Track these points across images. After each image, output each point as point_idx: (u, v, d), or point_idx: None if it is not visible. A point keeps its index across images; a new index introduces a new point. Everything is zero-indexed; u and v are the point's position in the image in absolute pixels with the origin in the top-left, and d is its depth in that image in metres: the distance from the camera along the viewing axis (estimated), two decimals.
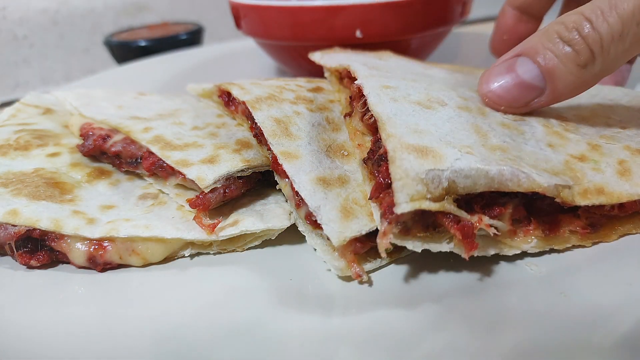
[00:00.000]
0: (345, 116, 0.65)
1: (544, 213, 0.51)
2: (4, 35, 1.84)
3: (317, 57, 0.78)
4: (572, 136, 0.56)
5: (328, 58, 0.77)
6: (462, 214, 0.46)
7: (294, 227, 0.59)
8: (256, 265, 0.56)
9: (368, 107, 0.55)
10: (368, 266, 0.53)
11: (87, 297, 0.52)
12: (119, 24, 2.05)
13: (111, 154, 0.66)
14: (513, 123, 0.56)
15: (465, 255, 0.47)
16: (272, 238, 0.58)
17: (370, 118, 0.57)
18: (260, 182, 0.64)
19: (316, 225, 0.53)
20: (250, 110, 0.64)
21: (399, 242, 0.47)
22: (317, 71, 0.80)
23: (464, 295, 0.49)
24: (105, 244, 0.55)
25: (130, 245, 0.55)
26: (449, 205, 0.45)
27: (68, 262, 0.56)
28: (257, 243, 0.58)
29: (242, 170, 0.60)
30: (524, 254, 0.53)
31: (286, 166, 0.56)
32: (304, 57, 0.83)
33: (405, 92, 0.57)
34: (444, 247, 0.48)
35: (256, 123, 0.62)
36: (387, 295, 0.50)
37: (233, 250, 0.58)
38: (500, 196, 0.49)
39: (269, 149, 0.59)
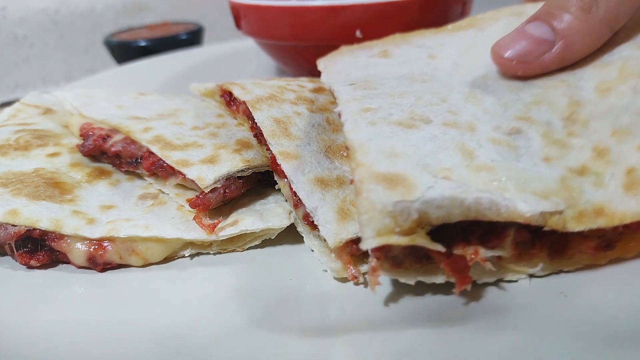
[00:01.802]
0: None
1: (549, 234, 0.46)
2: (4, 35, 1.84)
3: (321, 66, 0.74)
4: (577, 141, 0.50)
5: (330, 65, 0.74)
6: (436, 246, 0.42)
7: (293, 227, 0.59)
8: (256, 265, 0.56)
9: None
10: (365, 268, 0.52)
11: (87, 297, 0.52)
12: (119, 24, 2.05)
13: (111, 154, 0.66)
14: (505, 138, 0.50)
15: (456, 290, 0.45)
16: (272, 237, 0.58)
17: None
18: (260, 182, 0.64)
19: (314, 226, 0.53)
20: (251, 110, 0.64)
21: (391, 276, 0.45)
22: (317, 71, 0.80)
23: (462, 296, 0.49)
24: (105, 244, 0.55)
25: (130, 245, 0.55)
26: (420, 239, 0.42)
27: (68, 262, 0.56)
28: (257, 243, 0.58)
29: (242, 171, 0.60)
30: None
31: (285, 166, 0.56)
32: (304, 57, 0.84)
33: (387, 113, 0.53)
34: (439, 279, 0.46)
35: (256, 123, 0.62)
36: (384, 296, 0.50)
37: (233, 250, 0.58)
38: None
39: (269, 149, 0.59)
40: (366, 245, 0.41)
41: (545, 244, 0.47)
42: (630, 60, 0.53)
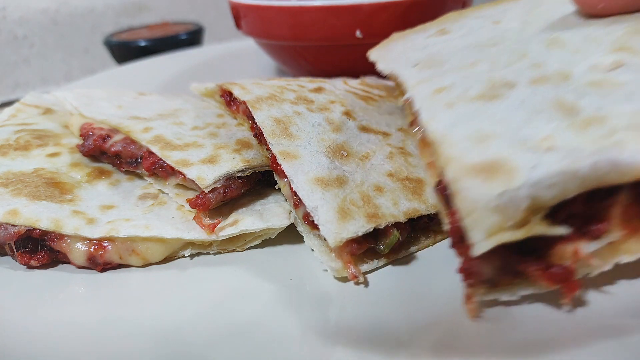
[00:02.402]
0: (410, 125, 0.58)
1: None
2: (4, 35, 1.84)
3: (374, 56, 0.68)
4: None
5: (385, 53, 0.67)
6: (558, 230, 0.37)
7: (293, 227, 0.59)
8: (256, 265, 0.56)
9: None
10: (365, 267, 0.53)
11: (87, 297, 0.52)
12: (119, 24, 2.05)
13: (111, 154, 0.66)
14: (607, 76, 0.42)
15: (566, 302, 0.40)
16: (272, 237, 0.58)
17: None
18: (260, 182, 0.65)
19: (314, 226, 0.53)
20: (251, 110, 0.64)
21: (490, 297, 0.42)
22: (317, 71, 0.80)
23: (460, 296, 0.48)
24: (105, 244, 0.55)
25: (130, 245, 0.55)
26: (537, 227, 0.36)
27: (68, 262, 0.56)
28: (257, 243, 0.58)
29: (242, 170, 0.60)
30: None
31: (285, 166, 0.56)
32: (304, 57, 0.83)
33: (463, 89, 0.47)
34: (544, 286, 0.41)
35: (256, 123, 0.62)
36: (384, 296, 0.50)
37: (233, 250, 0.58)
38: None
39: (269, 149, 0.59)
40: (479, 249, 0.36)
41: None
42: None
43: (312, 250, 0.55)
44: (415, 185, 0.57)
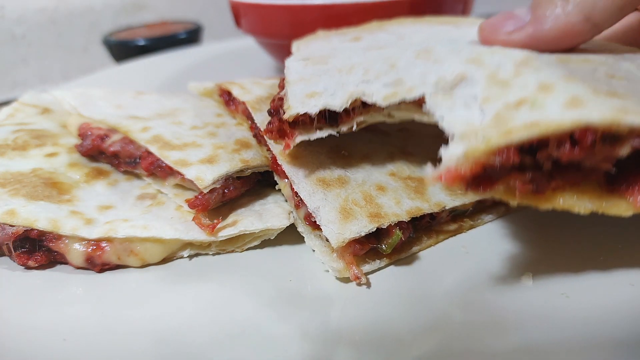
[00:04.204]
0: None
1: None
2: (2, 35, 1.83)
3: (294, 47, 0.73)
4: (522, 79, 0.44)
5: (303, 47, 0.72)
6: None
7: (293, 227, 0.58)
8: (255, 266, 0.55)
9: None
10: (367, 267, 0.52)
11: (85, 298, 0.52)
12: (118, 22, 2.04)
13: (109, 154, 0.66)
14: (448, 93, 0.47)
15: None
16: (271, 238, 0.58)
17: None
18: (259, 182, 0.64)
19: (315, 226, 0.53)
20: (250, 111, 0.63)
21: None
22: None
23: (463, 297, 0.48)
24: (104, 245, 0.55)
25: (129, 246, 0.55)
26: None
27: (66, 263, 0.56)
28: (256, 243, 0.58)
29: (242, 171, 0.60)
30: (523, 259, 0.52)
31: (286, 167, 0.56)
32: None
33: (330, 96, 0.52)
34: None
35: (256, 123, 0.62)
36: (386, 297, 0.50)
37: (232, 251, 0.58)
38: None
39: (269, 150, 0.59)
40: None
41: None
42: (595, 59, 0.51)
43: (313, 251, 0.55)
44: (417, 184, 0.57)
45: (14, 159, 0.67)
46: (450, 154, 0.39)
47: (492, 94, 0.44)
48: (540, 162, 0.41)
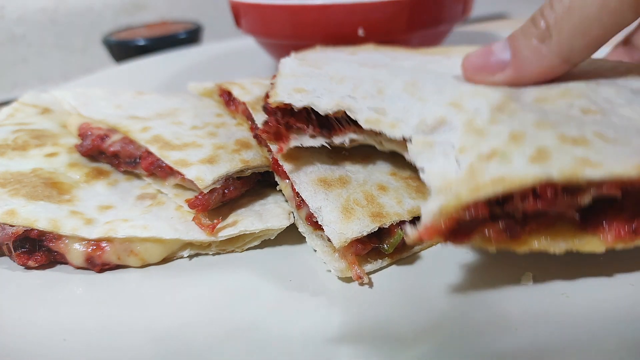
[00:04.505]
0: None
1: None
2: (2, 35, 1.83)
3: (292, 56, 0.73)
4: (496, 128, 0.46)
5: (303, 55, 0.73)
6: None
7: (293, 227, 0.58)
8: (255, 266, 0.55)
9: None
10: (369, 267, 0.52)
11: (85, 298, 0.52)
12: (118, 22, 2.04)
13: (109, 154, 0.66)
14: (428, 137, 0.49)
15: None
16: (272, 238, 0.58)
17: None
18: (259, 182, 0.64)
19: (317, 226, 0.53)
20: (251, 111, 0.63)
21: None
22: None
23: (464, 297, 0.48)
24: (104, 245, 0.55)
25: (129, 246, 0.55)
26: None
27: (66, 263, 0.56)
28: (256, 243, 0.58)
29: (242, 171, 0.60)
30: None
31: (287, 167, 0.56)
32: None
33: (316, 97, 0.54)
34: None
35: (256, 124, 0.62)
36: (388, 297, 0.50)
37: (232, 251, 0.58)
38: None
39: (269, 150, 0.59)
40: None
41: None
42: (574, 89, 0.54)
43: (315, 251, 0.55)
44: (418, 184, 0.57)
45: (14, 159, 0.67)
46: (428, 210, 0.41)
47: (467, 143, 0.46)
48: (510, 212, 0.43)
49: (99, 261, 0.55)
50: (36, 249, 0.55)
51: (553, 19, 0.50)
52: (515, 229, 0.44)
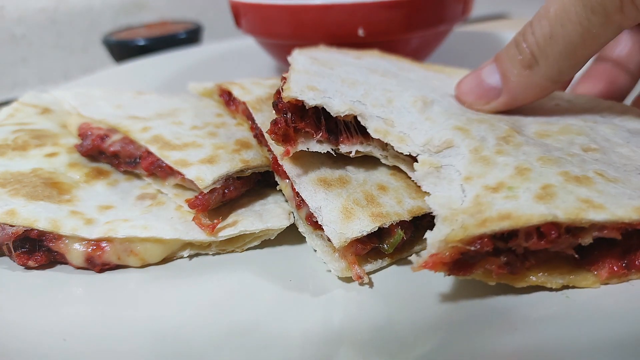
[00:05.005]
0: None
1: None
2: (2, 35, 1.83)
3: (295, 52, 0.73)
4: (502, 159, 0.49)
5: (306, 51, 0.73)
6: None
7: (293, 227, 0.58)
8: (255, 266, 0.55)
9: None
10: (369, 267, 0.52)
11: (85, 298, 0.52)
12: (118, 22, 2.04)
13: (109, 154, 0.66)
14: (434, 158, 0.51)
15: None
16: (272, 238, 0.58)
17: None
18: (259, 182, 0.64)
19: (317, 226, 0.53)
20: (251, 111, 0.63)
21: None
22: None
23: (465, 297, 0.48)
24: (104, 245, 0.55)
25: (129, 246, 0.55)
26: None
27: (66, 263, 0.56)
28: (256, 243, 0.58)
29: (242, 171, 0.60)
30: None
31: (287, 167, 0.56)
32: None
33: (328, 97, 0.54)
34: None
35: (257, 124, 0.62)
36: (388, 296, 0.50)
37: (232, 251, 0.58)
38: None
39: (270, 150, 0.59)
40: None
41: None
42: (574, 126, 0.56)
43: (315, 251, 0.55)
44: None
45: (14, 159, 0.67)
46: (434, 238, 0.42)
47: (474, 172, 0.48)
48: (513, 247, 0.44)
49: (99, 261, 0.55)
50: (36, 249, 0.55)
51: (536, 45, 0.52)
52: (516, 263, 0.45)
